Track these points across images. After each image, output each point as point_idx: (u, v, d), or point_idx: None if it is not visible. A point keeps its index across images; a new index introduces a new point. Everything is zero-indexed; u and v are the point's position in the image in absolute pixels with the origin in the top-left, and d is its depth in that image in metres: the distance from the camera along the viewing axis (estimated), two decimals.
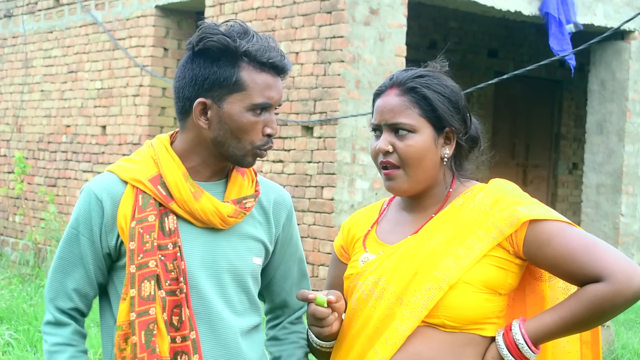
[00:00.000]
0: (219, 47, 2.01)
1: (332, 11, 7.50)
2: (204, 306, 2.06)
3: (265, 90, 2.04)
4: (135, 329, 1.97)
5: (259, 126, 2.04)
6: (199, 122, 2.05)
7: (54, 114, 10.50)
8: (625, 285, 1.86)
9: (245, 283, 2.12)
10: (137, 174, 2.06)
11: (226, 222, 2.07)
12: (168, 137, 2.14)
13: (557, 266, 1.93)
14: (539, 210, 1.97)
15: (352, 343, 2.04)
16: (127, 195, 2.04)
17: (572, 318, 1.91)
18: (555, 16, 8.74)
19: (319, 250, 7.57)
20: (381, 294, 2.00)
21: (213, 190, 2.10)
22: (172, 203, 2.04)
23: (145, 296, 1.98)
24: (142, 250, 2.00)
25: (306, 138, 7.70)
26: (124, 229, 2.02)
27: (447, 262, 1.96)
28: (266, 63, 2.04)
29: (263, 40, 2.05)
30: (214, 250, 2.08)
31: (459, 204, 2.04)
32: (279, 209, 2.22)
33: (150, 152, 2.10)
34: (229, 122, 2.03)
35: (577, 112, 12.65)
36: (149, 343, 1.97)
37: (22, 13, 11.14)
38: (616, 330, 7.06)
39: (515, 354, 1.94)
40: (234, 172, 2.14)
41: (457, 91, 2.08)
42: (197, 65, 2.04)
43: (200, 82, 2.03)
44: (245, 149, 2.05)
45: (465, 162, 2.12)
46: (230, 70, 2.02)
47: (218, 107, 2.03)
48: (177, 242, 2.02)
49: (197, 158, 2.09)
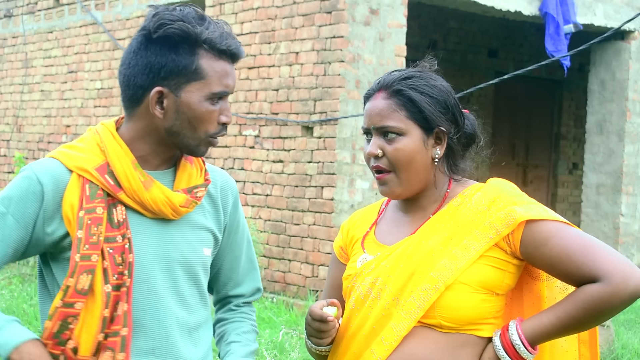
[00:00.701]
0: (180, 34, 1.93)
1: (332, 11, 7.50)
2: (155, 301, 1.98)
3: (223, 78, 1.97)
4: (54, 315, 1.89)
5: (215, 115, 1.97)
6: (154, 111, 1.96)
7: (54, 114, 10.50)
8: (622, 286, 1.85)
9: (197, 276, 2.06)
10: (83, 162, 1.96)
11: (178, 212, 2.00)
12: (114, 124, 2.05)
13: (554, 266, 1.93)
14: (536, 210, 1.96)
15: (349, 343, 2.04)
16: (72, 184, 1.94)
17: (569, 319, 1.90)
18: (554, 17, 8.74)
19: (319, 250, 7.57)
20: (378, 295, 2.00)
21: (162, 180, 2.02)
22: (121, 193, 1.95)
23: (79, 289, 1.89)
24: (88, 241, 1.91)
25: (306, 138, 7.70)
26: (70, 219, 1.92)
27: (444, 263, 1.95)
28: (225, 50, 1.97)
29: (219, 27, 1.98)
30: (165, 242, 2.00)
31: (456, 204, 2.03)
32: (226, 194, 2.16)
33: (95, 139, 2.00)
34: (187, 111, 1.95)
35: (577, 112, 12.66)
36: (59, 334, 1.90)
37: (22, 13, 11.14)
38: (616, 330, 7.06)
39: (512, 355, 1.93)
40: (183, 160, 2.07)
41: (445, 90, 2.06)
42: (153, 53, 1.95)
43: (156, 70, 1.94)
44: (200, 139, 1.98)
45: (460, 160, 2.10)
46: (189, 58, 1.94)
47: (175, 96, 1.95)
48: (126, 234, 1.94)
49: (146, 147, 2.01)
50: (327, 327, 2.00)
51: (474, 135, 2.14)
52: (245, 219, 2.28)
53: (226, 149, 8.49)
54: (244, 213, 2.51)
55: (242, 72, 8.33)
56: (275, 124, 7.99)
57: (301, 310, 7.37)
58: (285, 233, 7.90)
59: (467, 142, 2.13)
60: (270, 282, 8.03)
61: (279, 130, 7.97)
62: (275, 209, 7.99)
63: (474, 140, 2.14)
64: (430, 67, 2.12)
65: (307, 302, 7.38)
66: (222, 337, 2.23)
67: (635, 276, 1.87)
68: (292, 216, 7.83)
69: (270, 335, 6.32)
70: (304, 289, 7.66)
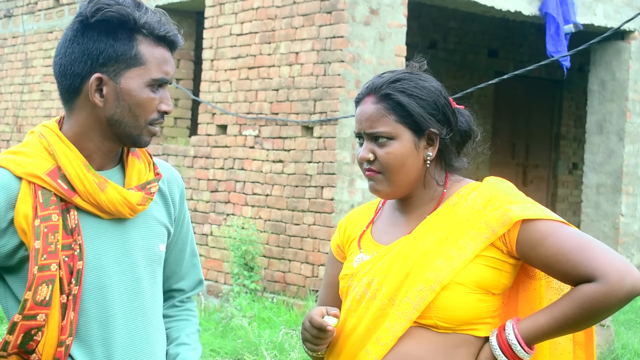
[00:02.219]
0: (119, 18, 1.87)
1: (332, 11, 7.50)
2: (116, 306, 1.93)
3: (162, 65, 1.92)
4: (15, 330, 1.82)
5: (155, 102, 1.91)
6: (94, 99, 1.88)
7: (54, 114, 10.50)
8: (618, 285, 1.85)
9: (156, 273, 2.03)
10: (32, 168, 1.87)
11: (135, 210, 1.94)
12: (56, 124, 1.96)
13: (551, 266, 1.93)
14: (532, 210, 1.95)
15: (345, 343, 2.04)
16: (24, 193, 1.85)
17: (565, 318, 1.90)
18: (554, 17, 8.74)
19: (319, 250, 7.57)
20: (374, 295, 2.00)
21: (112, 179, 1.95)
22: (76, 197, 1.87)
23: (39, 300, 1.82)
24: (46, 250, 1.83)
25: (306, 138, 7.70)
26: (25, 230, 1.84)
27: (439, 263, 1.95)
28: (164, 37, 1.92)
29: (157, 14, 1.94)
30: (124, 243, 1.95)
31: (452, 203, 2.03)
32: (173, 187, 2.11)
33: (42, 142, 1.91)
34: (127, 98, 1.89)
35: (577, 112, 12.65)
36: (23, 344, 1.84)
37: (22, 13, 11.14)
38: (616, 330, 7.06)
39: (509, 355, 1.93)
40: (130, 156, 2.00)
41: (435, 90, 2.04)
42: (90, 39, 1.88)
43: (94, 56, 1.87)
44: (141, 127, 1.91)
45: (455, 159, 2.09)
46: (128, 43, 1.88)
47: (115, 83, 1.88)
48: (77, 240, 1.87)
49: (91, 144, 1.93)
50: (325, 335, 2.00)
51: (470, 132, 2.12)
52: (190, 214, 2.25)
53: (226, 149, 8.48)
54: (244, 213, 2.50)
55: (242, 72, 8.33)
56: (275, 124, 7.99)
57: (301, 310, 7.36)
58: (285, 233, 7.90)
59: (462, 139, 2.11)
60: (270, 282, 8.03)
61: (279, 130, 7.97)
62: (275, 209, 7.99)
63: (470, 136, 2.13)
64: (420, 67, 2.10)
65: (307, 302, 7.37)
66: (169, 335, 2.18)
67: (631, 275, 1.86)
68: (292, 216, 7.83)
69: (270, 335, 6.32)
70: (304, 289, 7.66)
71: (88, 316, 1.90)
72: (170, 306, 2.20)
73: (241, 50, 8.35)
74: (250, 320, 6.93)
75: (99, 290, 1.91)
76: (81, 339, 1.90)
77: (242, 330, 6.54)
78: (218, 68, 8.60)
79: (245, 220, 8.13)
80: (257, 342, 6.18)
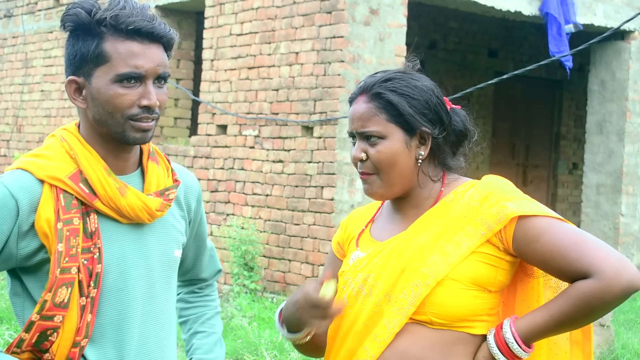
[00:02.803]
0: (75, 20, 1.89)
1: (332, 11, 7.50)
2: (132, 309, 1.95)
3: (130, 59, 1.88)
4: (32, 329, 1.85)
5: (128, 98, 1.88)
6: (76, 102, 1.92)
7: (54, 114, 10.50)
8: (614, 281, 1.84)
9: (170, 278, 2.06)
10: (55, 171, 1.89)
11: (153, 216, 1.96)
12: (76, 128, 1.99)
13: (547, 262, 1.92)
14: (528, 206, 1.95)
15: (343, 341, 2.04)
16: (46, 196, 1.88)
17: (562, 316, 1.89)
18: (555, 17, 8.75)
19: (319, 250, 7.57)
20: (370, 291, 2.00)
21: (131, 184, 1.97)
22: (96, 201, 1.90)
23: (58, 302, 1.84)
24: (68, 254, 1.86)
25: (306, 138, 7.70)
26: (47, 233, 1.86)
27: (435, 259, 1.95)
28: (128, 30, 1.88)
29: (131, 9, 1.90)
30: (142, 247, 1.98)
31: (449, 200, 2.03)
32: (189, 194, 2.14)
33: (64, 146, 1.94)
34: (98, 96, 1.89)
35: (577, 112, 12.66)
36: (38, 344, 1.86)
37: (22, 13, 11.14)
38: (616, 330, 7.06)
39: (506, 353, 1.93)
40: (150, 162, 2.02)
41: (427, 90, 2.03)
42: (69, 45, 1.93)
43: (71, 60, 1.92)
44: (121, 124, 1.90)
45: (450, 158, 2.08)
46: (92, 42, 1.89)
47: (88, 83, 1.90)
48: (97, 244, 1.89)
49: (99, 147, 1.95)
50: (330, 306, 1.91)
51: (465, 131, 2.12)
52: None
53: (226, 149, 8.49)
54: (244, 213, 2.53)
55: (242, 72, 8.33)
56: (275, 124, 7.99)
57: None
58: (285, 233, 7.90)
59: (457, 139, 2.11)
60: (270, 282, 8.03)
61: (279, 130, 7.97)
62: (275, 209, 7.99)
63: (466, 136, 2.12)
64: (413, 67, 2.10)
65: None
66: (185, 323, 2.26)
67: (627, 271, 1.85)
68: (292, 216, 7.83)
69: (270, 335, 6.32)
70: None
71: (104, 318, 1.92)
72: (189, 292, 2.28)
73: (241, 50, 8.35)
74: (250, 320, 6.94)
75: (116, 293, 1.94)
76: (95, 340, 1.93)
77: (242, 330, 6.54)
78: (218, 68, 8.60)
79: (245, 220, 8.13)
80: (257, 342, 6.18)
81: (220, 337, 2.26)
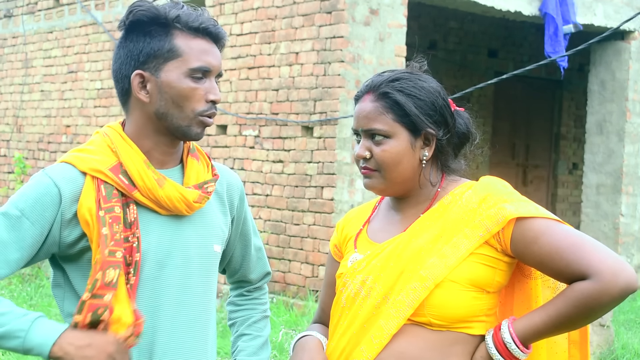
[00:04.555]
0: (150, 16, 1.98)
1: (332, 11, 7.50)
2: (165, 298, 2.01)
3: (201, 54, 2.00)
4: (83, 309, 1.88)
5: (199, 92, 1.99)
6: (140, 96, 2.00)
7: (54, 114, 10.51)
8: (612, 283, 1.84)
9: (210, 272, 2.11)
10: (96, 164, 1.98)
11: (191, 207, 2.03)
12: (120, 125, 2.08)
13: (545, 264, 1.93)
14: (526, 208, 1.95)
15: (339, 342, 2.05)
16: (87, 187, 1.96)
17: (559, 317, 1.90)
18: (553, 18, 8.75)
19: (319, 250, 7.57)
20: (368, 293, 2.01)
21: (171, 177, 2.05)
22: (136, 192, 1.98)
23: (107, 282, 1.90)
24: (113, 238, 1.92)
25: (306, 138, 7.70)
26: (89, 221, 1.94)
27: (433, 261, 1.95)
28: (199, 28, 2.00)
29: (197, 11, 2.03)
30: (180, 238, 2.04)
31: (447, 202, 2.04)
32: (232, 192, 2.20)
33: (106, 141, 2.03)
34: (168, 90, 1.98)
35: (577, 112, 12.66)
36: (92, 325, 1.89)
37: (22, 13, 11.14)
38: (616, 330, 7.06)
39: (505, 354, 1.93)
40: (189, 157, 2.10)
41: (433, 91, 2.04)
42: (130, 41, 2.00)
43: (135, 56, 1.99)
44: (189, 118, 2.00)
45: (451, 160, 2.10)
46: (163, 38, 1.98)
47: (156, 77, 1.98)
48: (135, 233, 1.97)
49: (148, 141, 2.03)
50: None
51: (468, 134, 2.13)
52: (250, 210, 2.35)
53: (226, 149, 8.49)
54: None
55: (242, 72, 8.33)
56: (275, 124, 7.99)
57: (301, 310, 7.37)
58: (285, 233, 7.90)
59: (460, 141, 2.12)
60: (270, 282, 8.03)
61: (279, 131, 7.97)
62: (275, 209, 7.99)
63: (468, 138, 2.13)
64: (420, 68, 2.11)
65: (307, 302, 7.38)
66: (233, 325, 2.34)
67: (624, 273, 1.86)
68: (292, 216, 7.83)
69: (270, 335, 6.32)
70: (304, 289, 7.67)
71: (139, 305, 1.97)
72: (238, 295, 2.37)
73: (241, 50, 8.35)
74: None
75: (152, 281, 2.00)
76: None
77: None
78: None
79: None
80: None
81: (267, 340, 2.32)
